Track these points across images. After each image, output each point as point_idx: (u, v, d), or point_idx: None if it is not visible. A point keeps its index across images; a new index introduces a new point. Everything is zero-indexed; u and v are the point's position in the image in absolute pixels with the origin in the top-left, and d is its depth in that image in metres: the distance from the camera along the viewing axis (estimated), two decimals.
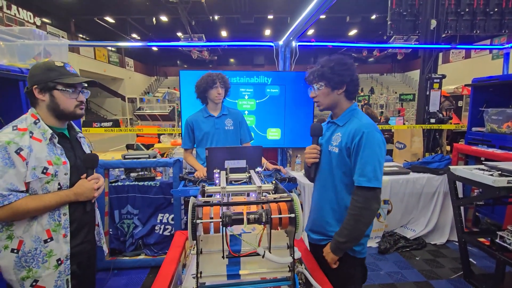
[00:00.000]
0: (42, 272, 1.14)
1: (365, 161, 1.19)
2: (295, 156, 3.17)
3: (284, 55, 3.33)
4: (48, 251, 1.15)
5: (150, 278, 2.44)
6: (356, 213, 1.21)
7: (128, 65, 21.95)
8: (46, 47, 2.11)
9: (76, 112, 1.23)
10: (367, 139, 1.20)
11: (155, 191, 2.59)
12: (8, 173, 1.05)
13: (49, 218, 1.15)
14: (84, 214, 1.26)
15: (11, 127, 1.12)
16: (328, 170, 1.34)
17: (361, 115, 1.32)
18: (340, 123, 1.33)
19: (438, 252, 2.89)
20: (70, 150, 1.25)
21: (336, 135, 1.32)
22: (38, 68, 1.18)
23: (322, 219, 1.37)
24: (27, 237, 1.12)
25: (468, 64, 15.36)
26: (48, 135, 1.16)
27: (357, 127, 1.23)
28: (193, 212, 0.88)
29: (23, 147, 1.08)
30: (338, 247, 1.25)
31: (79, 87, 1.22)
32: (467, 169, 2.11)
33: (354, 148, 1.23)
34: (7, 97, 1.87)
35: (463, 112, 7.95)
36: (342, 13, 16.15)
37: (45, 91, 1.16)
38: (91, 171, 1.26)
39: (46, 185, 1.14)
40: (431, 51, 3.92)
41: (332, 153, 1.31)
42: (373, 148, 1.20)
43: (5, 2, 9.97)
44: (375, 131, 1.23)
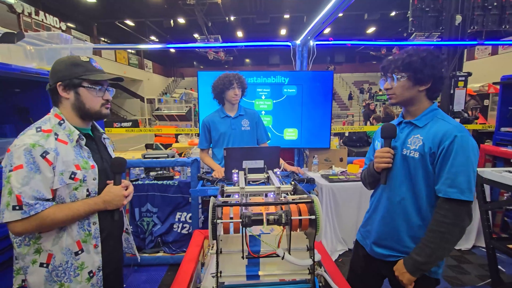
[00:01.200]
0: (75, 286, 1.06)
1: (457, 170, 1.04)
2: (312, 157, 3.13)
3: (302, 54, 3.30)
4: (79, 263, 1.06)
5: (169, 276, 2.49)
6: (443, 230, 1.06)
7: (147, 67, 22.54)
8: (72, 51, 2.20)
9: (102, 111, 1.13)
10: (460, 144, 1.05)
11: (173, 190, 2.64)
12: (34, 179, 0.95)
13: (79, 229, 1.06)
14: (113, 222, 1.16)
15: (34, 129, 1.01)
16: (403, 177, 1.18)
17: (446, 117, 1.16)
18: (419, 124, 1.17)
19: (463, 258, 2.76)
20: (96, 152, 1.16)
21: (414, 137, 1.16)
22: (62, 63, 1.07)
23: (394, 232, 1.21)
24: (57, 250, 1.03)
25: (494, 61, 14.57)
26: (75, 136, 1.06)
27: (446, 130, 1.08)
28: (213, 212, 0.89)
29: (49, 150, 0.98)
30: (418, 267, 1.10)
31: (105, 84, 1.12)
32: (496, 172, 2.01)
33: (441, 153, 1.08)
34: (36, 100, 1.97)
35: (489, 112, 7.57)
36: (360, 10, 15.81)
37: (69, 89, 1.06)
38: (118, 176, 1.15)
39: (74, 191, 1.04)
40: (455, 48, 3.76)
41: (409, 158, 1.16)
42: (467, 155, 1.05)
43: (34, 8, 10.51)
44: (469, 135, 1.08)
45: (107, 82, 1.14)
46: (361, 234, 1.41)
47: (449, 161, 1.06)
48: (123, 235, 1.32)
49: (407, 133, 1.20)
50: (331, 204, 2.75)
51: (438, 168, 1.09)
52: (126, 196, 1.15)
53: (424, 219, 1.15)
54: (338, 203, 2.75)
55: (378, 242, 1.27)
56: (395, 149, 1.21)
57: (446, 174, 1.06)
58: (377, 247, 1.27)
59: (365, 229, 1.37)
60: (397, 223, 1.20)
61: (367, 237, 1.35)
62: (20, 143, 0.96)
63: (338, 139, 4.95)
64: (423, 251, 1.09)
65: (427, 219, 1.15)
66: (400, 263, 1.16)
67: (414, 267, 1.11)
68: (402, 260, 1.16)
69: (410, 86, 1.16)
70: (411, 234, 1.18)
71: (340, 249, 2.80)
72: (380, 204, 1.28)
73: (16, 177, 0.94)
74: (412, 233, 1.18)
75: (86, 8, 15.01)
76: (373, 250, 1.29)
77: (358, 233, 1.45)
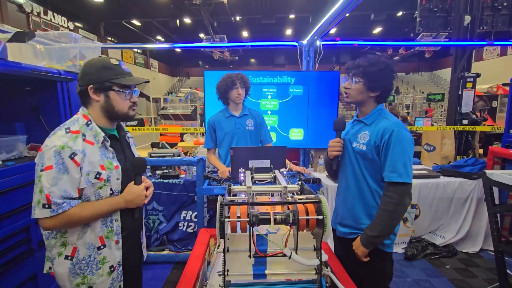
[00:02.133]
0: (97, 279, 1.11)
1: (396, 158, 1.25)
2: (318, 157, 3.12)
3: (308, 54, 3.29)
4: (101, 258, 1.12)
5: (174, 273, 2.51)
6: (389, 208, 1.26)
7: (153, 66, 22.68)
8: (81, 50, 2.23)
9: (130, 113, 1.17)
10: (397, 136, 1.26)
11: (179, 188, 2.65)
12: (62, 179, 1.00)
13: (102, 225, 1.12)
14: (133, 220, 1.21)
15: (64, 130, 1.06)
16: (354, 167, 1.39)
17: (388, 115, 1.37)
18: (367, 122, 1.38)
19: (471, 261, 2.73)
20: (120, 152, 1.20)
21: (363, 133, 1.37)
22: (93, 66, 1.10)
23: (352, 212, 1.41)
24: (81, 244, 1.09)
25: (503, 62, 14.35)
26: (100, 138, 1.10)
27: (386, 126, 1.30)
28: (221, 211, 0.89)
29: (77, 152, 1.02)
30: (370, 241, 1.30)
31: (132, 87, 1.16)
32: (505, 174, 1.98)
33: (383, 146, 1.29)
34: (46, 98, 2.00)
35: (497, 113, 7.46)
36: (367, 10, 15.70)
37: (100, 92, 1.10)
38: (139, 177, 1.18)
39: (98, 190, 1.09)
40: (464, 49, 3.72)
41: (358, 151, 1.37)
42: (403, 145, 1.26)
43: (42, 8, 10.65)
44: (404, 129, 1.29)
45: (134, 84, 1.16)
46: (332, 219, 1.59)
47: (389, 151, 1.27)
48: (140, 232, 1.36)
49: (357, 129, 1.41)
50: None
51: (383, 158, 1.30)
52: (146, 196, 1.19)
53: (375, 199, 1.36)
54: None
55: (341, 222, 1.47)
56: (345, 141, 1.44)
57: (388, 162, 1.27)
58: (341, 227, 1.47)
59: (333, 214, 1.59)
60: (354, 204, 1.41)
61: (334, 220, 1.55)
62: (50, 144, 1.01)
63: None
64: (375, 227, 1.29)
65: (376, 199, 1.35)
66: (357, 238, 1.35)
67: (367, 241, 1.30)
68: (359, 236, 1.35)
69: (363, 91, 1.36)
70: (366, 213, 1.38)
71: None
72: (340, 190, 1.51)
73: (47, 177, 0.99)
74: (366, 212, 1.38)
75: (94, 8, 15.16)
76: (339, 230, 1.49)
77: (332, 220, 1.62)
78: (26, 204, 1.70)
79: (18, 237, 1.66)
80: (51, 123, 2.02)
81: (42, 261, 1.81)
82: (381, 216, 1.28)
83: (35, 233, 1.76)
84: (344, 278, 1.21)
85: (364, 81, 1.33)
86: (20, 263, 1.66)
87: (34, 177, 1.68)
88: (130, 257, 1.23)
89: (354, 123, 1.46)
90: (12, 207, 1.62)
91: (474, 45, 3.82)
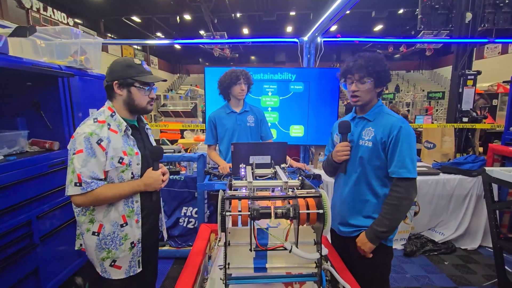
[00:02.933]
0: (120, 253, 1.25)
1: (405, 154, 1.26)
2: (318, 154, 3.12)
3: (309, 51, 3.29)
4: (124, 235, 1.26)
5: (174, 269, 2.52)
6: (397, 203, 1.27)
7: (153, 63, 22.62)
8: (82, 46, 2.23)
9: (147, 108, 1.31)
10: (405, 133, 1.28)
11: (180, 184, 2.66)
12: (91, 162, 1.15)
13: (124, 205, 1.26)
14: (151, 202, 1.35)
15: (92, 120, 1.21)
16: (358, 164, 1.38)
17: (390, 111, 1.39)
18: (370, 118, 1.38)
19: (469, 258, 2.75)
20: (140, 141, 1.35)
21: (367, 129, 1.37)
22: (119, 64, 1.25)
23: (354, 211, 1.41)
24: (106, 222, 1.23)
25: (504, 60, 14.31)
26: (123, 127, 1.25)
27: (393, 122, 1.30)
28: (222, 205, 0.90)
29: (103, 138, 1.17)
30: (377, 236, 1.30)
31: (152, 84, 1.30)
32: (505, 171, 1.98)
33: (391, 142, 1.29)
34: (47, 93, 2.00)
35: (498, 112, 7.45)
36: (368, 8, 15.63)
37: (123, 87, 1.24)
38: (156, 163, 1.32)
39: (121, 174, 1.24)
40: (465, 46, 3.71)
41: (363, 147, 1.36)
42: (410, 141, 1.28)
43: (42, 4, 10.60)
44: (409, 126, 1.31)
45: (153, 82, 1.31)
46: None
47: (398, 147, 1.28)
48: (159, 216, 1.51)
49: (361, 127, 1.40)
50: None
51: (390, 154, 1.30)
52: (163, 181, 1.34)
53: (378, 197, 1.36)
54: None
55: (343, 222, 1.46)
56: (352, 142, 1.41)
57: (396, 158, 1.27)
58: (343, 227, 1.46)
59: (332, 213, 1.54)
60: (356, 203, 1.40)
61: (333, 220, 1.52)
62: (81, 131, 1.16)
63: None
64: (382, 222, 1.30)
65: (379, 196, 1.35)
66: (362, 235, 1.35)
67: (374, 236, 1.31)
68: (364, 232, 1.35)
69: (372, 89, 1.36)
70: (369, 210, 1.38)
71: None
72: (340, 188, 1.49)
73: (78, 160, 1.14)
74: (369, 209, 1.38)
75: (94, 4, 15.09)
76: (340, 230, 1.48)
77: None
78: (28, 199, 1.71)
79: (19, 231, 1.67)
80: (52, 118, 2.02)
81: (45, 256, 1.83)
82: (389, 211, 1.29)
83: (36, 228, 1.77)
84: (344, 272, 1.22)
85: (374, 79, 1.33)
86: (22, 257, 1.67)
87: (35, 172, 1.71)
88: (149, 236, 1.37)
89: (357, 121, 1.44)
90: (13, 202, 1.63)
91: (475, 43, 3.81)
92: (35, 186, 1.77)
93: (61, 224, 1.99)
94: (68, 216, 2.05)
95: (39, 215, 1.79)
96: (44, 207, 1.84)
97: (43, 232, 1.83)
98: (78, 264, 2.14)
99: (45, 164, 1.85)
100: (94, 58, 2.32)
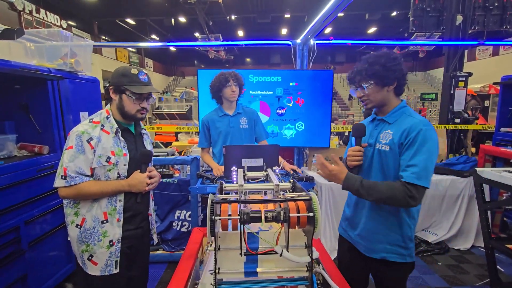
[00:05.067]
0: (97, 249, 1.29)
1: (420, 158, 1.13)
2: (312, 156, 3.13)
3: (302, 53, 3.30)
4: (103, 231, 1.29)
5: (167, 273, 2.50)
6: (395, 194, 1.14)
7: (148, 65, 22.50)
8: (72, 48, 2.20)
9: (137, 115, 1.37)
10: (425, 135, 1.15)
11: (173, 188, 2.64)
12: (79, 158, 1.23)
13: (107, 203, 1.30)
14: (137, 203, 1.38)
15: (88, 120, 1.31)
16: (377, 170, 1.28)
17: (414, 113, 1.27)
18: (390, 120, 1.28)
19: (462, 258, 2.77)
20: (132, 143, 1.40)
21: (385, 132, 1.27)
22: (117, 71, 1.34)
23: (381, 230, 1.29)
24: (88, 216, 1.28)
25: (495, 61, 14.54)
26: (114, 129, 1.32)
27: (413, 124, 1.19)
28: (211, 209, 0.89)
29: (93, 137, 1.25)
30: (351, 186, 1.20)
31: (145, 94, 1.35)
32: (495, 171, 2.01)
33: (407, 143, 1.17)
34: (36, 96, 1.97)
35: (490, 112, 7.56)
36: (361, 10, 15.77)
37: (116, 93, 1.33)
38: (144, 166, 1.37)
39: (107, 172, 1.29)
40: (456, 48, 3.76)
41: (382, 152, 1.26)
42: (429, 146, 1.14)
43: (34, 6, 10.49)
44: (433, 129, 1.18)
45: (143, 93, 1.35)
46: (343, 228, 1.48)
47: (413, 149, 1.15)
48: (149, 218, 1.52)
49: (380, 130, 1.30)
50: (330, 203, 2.75)
51: (404, 155, 1.18)
52: (148, 184, 1.36)
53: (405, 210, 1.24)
54: (337, 202, 2.75)
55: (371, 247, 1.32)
56: (371, 146, 1.31)
57: (409, 160, 1.15)
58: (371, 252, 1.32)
59: (349, 222, 1.43)
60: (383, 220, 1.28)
61: (350, 229, 1.41)
62: (75, 129, 1.26)
63: (338, 138, 4.94)
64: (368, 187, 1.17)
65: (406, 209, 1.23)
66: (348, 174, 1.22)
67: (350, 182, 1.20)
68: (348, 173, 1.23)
69: (379, 90, 1.27)
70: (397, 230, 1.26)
71: None
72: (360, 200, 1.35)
73: (67, 155, 1.23)
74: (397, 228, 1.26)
75: (87, 6, 14.97)
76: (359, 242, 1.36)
77: (340, 227, 1.53)
78: (15, 204, 1.68)
79: (7, 237, 1.64)
80: (42, 122, 1.99)
81: (33, 262, 1.80)
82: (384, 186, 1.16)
83: (25, 234, 1.74)
84: (336, 275, 1.21)
85: (375, 81, 1.25)
86: (9, 264, 1.63)
87: (23, 177, 1.69)
88: (133, 236, 1.39)
89: (376, 123, 1.34)
90: (0, 207, 1.60)
91: (466, 45, 3.87)
92: (24, 191, 1.74)
93: (51, 229, 1.95)
94: (58, 221, 2.02)
95: (27, 221, 1.76)
96: (33, 212, 1.81)
97: (32, 238, 1.80)
98: (68, 270, 2.11)
99: (34, 169, 1.82)
100: (84, 60, 2.30)
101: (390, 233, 1.27)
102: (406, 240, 1.27)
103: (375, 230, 1.30)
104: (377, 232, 1.29)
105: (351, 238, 1.42)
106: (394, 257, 1.27)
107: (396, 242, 1.27)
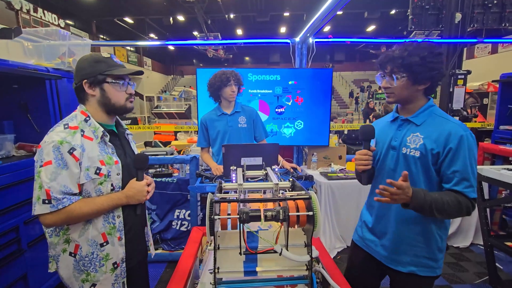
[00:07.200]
0: (100, 276, 1.11)
1: (469, 170, 1.04)
2: (311, 154, 3.13)
3: (301, 52, 3.29)
4: (104, 255, 1.11)
5: (167, 272, 2.50)
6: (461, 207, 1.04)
7: (146, 65, 22.44)
8: (70, 47, 2.19)
9: (127, 105, 1.16)
10: (468, 143, 1.05)
11: (172, 187, 2.64)
12: (62, 174, 0.99)
13: (104, 221, 1.10)
14: (135, 216, 1.20)
15: (62, 126, 1.05)
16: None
17: (444, 113, 1.15)
18: (417, 122, 1.15)
19: (461, 256, 2.77)
20: (120, 148, 1.19)
21: (413, 135, 1.14)
22: (85, 61, 1.10)
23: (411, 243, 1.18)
24: (83, 241, 1.08)
25: (494, 59, 14.53)
26: (99, 133, 1.09)
27: (451, 129, 1.07)
28: (211, 208, 0.89)
29: (76, 147, 1.02)
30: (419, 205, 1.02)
31: (127, 79, 1.15)
32: (494, 169, 2.01)
33: (449, 153, 1.06)
34: (34, 96, 1.96)
35: (488, 110, 7.57)
36: (360, 8, 15.75)
37: (95, 85, 1.09)
38: (141, 172, 1.16)
39: (99, 186, 1.08)
40: (455, 46, 3.75)
41: (410, 157, 1.13)
42: (473, 154, 1.06)
43: (32, 5, 10.45)
44: (471, 133, 1.08)
45: (129, 76, 1.16)
46: (360, 236, 1.36)
47: (460, 161, 1.04)
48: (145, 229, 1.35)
49: (405, 132, 1.17)
50: (329, 202, 2.75)
51: (447, 166, 1.06)
52: (148, 192, 1.18)
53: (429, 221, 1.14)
54: (337, 201, 2.75)
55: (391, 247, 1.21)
56: (394, 149, 1.18)
57: (459, 173, 1.04)
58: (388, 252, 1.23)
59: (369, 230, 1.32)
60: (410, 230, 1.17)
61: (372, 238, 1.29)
62: (49, 139, 1.01)
63: (337, 137, 4.95)
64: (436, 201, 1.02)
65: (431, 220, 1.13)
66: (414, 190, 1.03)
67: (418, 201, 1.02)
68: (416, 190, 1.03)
69: (409, 86, 1.12)
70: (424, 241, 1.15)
71: (339, 246, 2.81)
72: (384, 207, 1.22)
73: (46, 173, 0.98)
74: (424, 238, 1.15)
75: (85, 5, 14.92)
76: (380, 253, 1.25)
77: (355, 234, 1.42)
78: (14, 205, 1.67)
79: (6, 237, 1.64)
80: (40, 121, 1.99)
81: (33, 262, 1.80)
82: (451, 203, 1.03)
83: (24, 234, 1.74)
84: (336, 273, 1.21)
85: (408, 74, 1.10)
86: (10, 263, 1.63)
87: (22, 177, 1.65)
88: (134, 254, 1.22)
89: (400, 124, 1.21)
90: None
91: (465, 43, 3.86)
92: (23, 190, 1.74)
93: None
94: None
95: (26, 221, 1.75)
96: None
97: (32, 238, 1.80)
98: None
99: (33, 169, 1.81)
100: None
101: (418, 244, 1.17)
102: (435, 251, 1.17)
103: (403, 241, 1.18)
104: (405, 243, 1.18)
105: (369, 248, 1.31)
106: (424, 271, 1.18)
107: (426, 254, 1.17)
